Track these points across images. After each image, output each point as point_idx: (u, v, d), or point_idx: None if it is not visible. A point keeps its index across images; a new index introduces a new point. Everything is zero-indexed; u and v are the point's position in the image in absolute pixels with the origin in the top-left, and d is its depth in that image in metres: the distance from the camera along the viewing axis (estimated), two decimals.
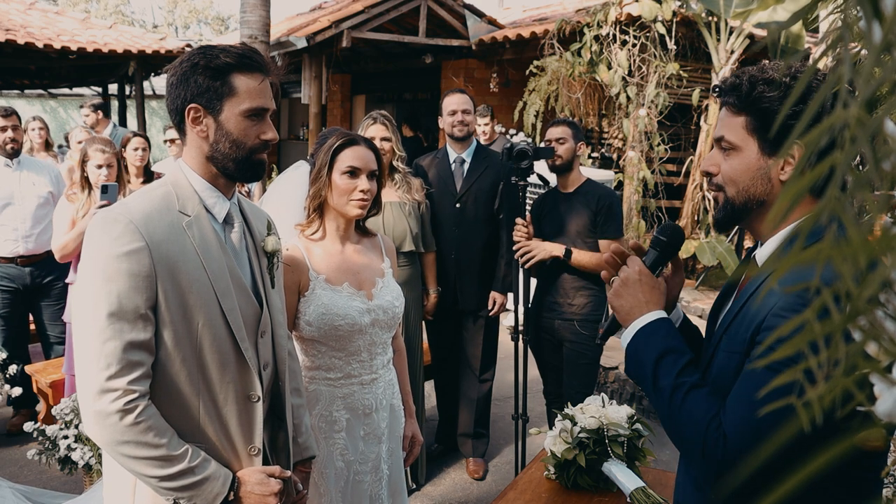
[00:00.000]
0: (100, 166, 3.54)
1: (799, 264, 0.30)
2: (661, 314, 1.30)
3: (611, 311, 1.40)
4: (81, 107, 6.45)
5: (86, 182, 3.55)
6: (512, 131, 8.07)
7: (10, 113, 3.97)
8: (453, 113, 3.61)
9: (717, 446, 1.12)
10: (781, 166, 1.18)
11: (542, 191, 3.91)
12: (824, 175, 0.31)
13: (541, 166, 3.43)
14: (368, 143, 2.08)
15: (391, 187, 3.37)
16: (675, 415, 1.19)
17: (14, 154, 3.99)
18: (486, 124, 5.87)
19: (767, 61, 1.33)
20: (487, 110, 5.93)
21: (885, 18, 0.30)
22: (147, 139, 4.41)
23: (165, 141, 5.79)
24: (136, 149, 4.30)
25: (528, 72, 6.92)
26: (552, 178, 3.50)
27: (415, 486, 3.62)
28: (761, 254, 1.26)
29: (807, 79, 0.39)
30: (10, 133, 3.94)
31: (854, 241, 0.27)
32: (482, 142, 5.89)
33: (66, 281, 3.78)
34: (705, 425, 1.14)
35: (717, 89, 1.25)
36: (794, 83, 1.07)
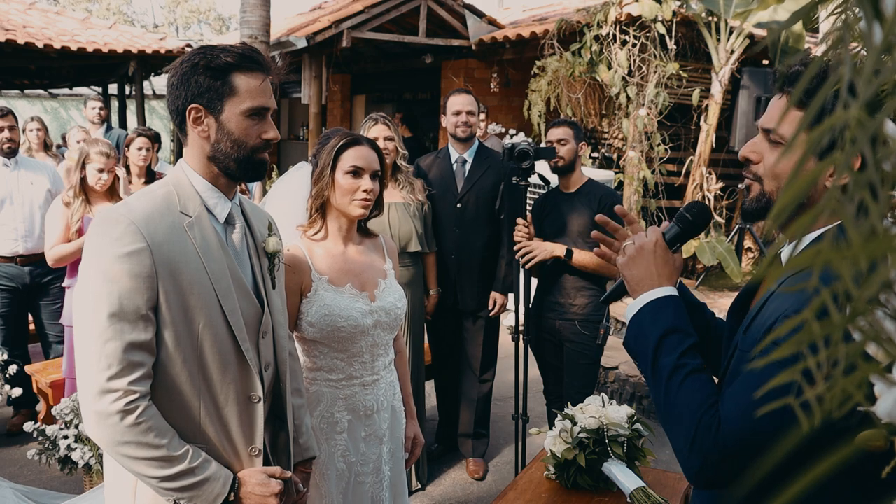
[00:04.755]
0: (101, 170, 3.54)
1: (800, 266, 0.30)
2: (672, 291, 1.26)
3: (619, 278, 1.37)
4: (88, 100, 6.36)
5: (82, 186, 3.54)
6: (512, 131, 8.07)
7: (6, 113, 3.96)
8: (457, 113, 3.61)
9: (708, 432, 1.08)
10: (831, 172, 1.09)
11: (544, 191, 3.90)
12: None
13: (542, 166, 3.43)
14: (371, 143, 2.07)
15: (395, 188, 3.38)
16: (672, 396, 1.15)
17: (11, 154, 3.99)
18: (481, 120, 5.88)
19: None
20: (483, 108, 5.95)
21: (886, 19, 0.30)
22: (152, 137, 4.39)
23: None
24: (139, 148, 4.30)
25: (532, 72, 6.92)
26: (554, 179, 3.50)
27: (419, 487, 3.62)
28: (786, 254, 1.19)
29: (816, 67, 0.38)
30: (6, 133, 3.93)
31: (854, 242, 0.27)
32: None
33: (63, 285, 3.77)
34: (703, 410, 1.10)
35: (778, 76, 1.19)
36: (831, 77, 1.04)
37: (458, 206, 3.61)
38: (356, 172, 2.00)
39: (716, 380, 1.25)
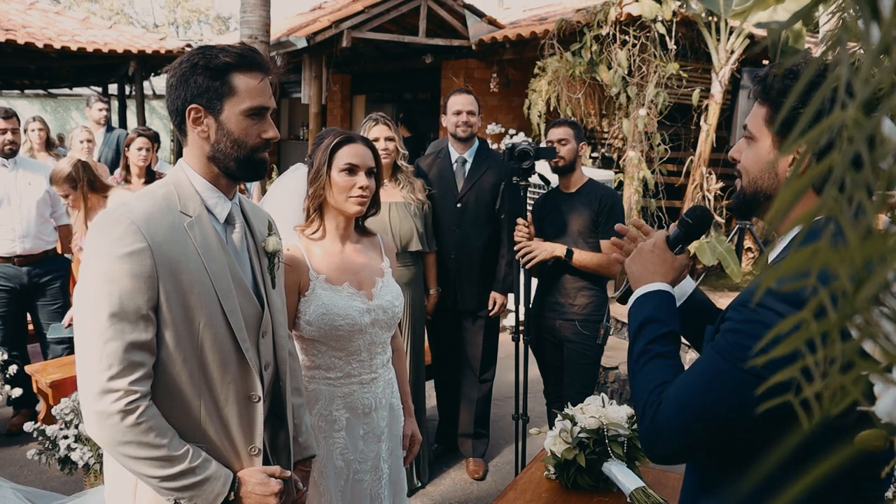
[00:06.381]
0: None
1: (794, 266, 0.30)
2: (663, 286, 1.34)
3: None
4: (98, 100, 6.33)
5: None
6: (512, 131, 8.06)
7: (10, 115, 3.97)
8: (458, 113, 3.61)
9: (649, 410, 1.17)
10: (790, 162, 1.17)
11: (544, 191, 3.90)
12: (826, 174, 0.31)
13: (542, 166, 3.43)
14: (366, 140, 2.09)
15: (395, 188, 3.38)
16: (635, 378, 1.24)
17: (10, 155, 4.00)
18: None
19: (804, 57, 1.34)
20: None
21: (883, 19, 0.30)
22: (151, 137, 4.40)
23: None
24: (139, 149, 4.30)
25: (534, 72, 6.92)
26: (554, 179, 3.50)
27: (419, 485, 3.62)
28: (772, 254, 1.26)
29: (811, 73, 0.38)
30: (9, 136, 3.95)
31: (851, 242, 0.27)
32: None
33: None
34: (650, 390, 1.18)
35: (755, 78, 1.27)
36: (821, 80, 1.07)
37: (458, 205, 3.61)
38: (351, 170, 2.01)
39: None
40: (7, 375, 3.41)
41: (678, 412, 1.12)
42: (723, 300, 5.93)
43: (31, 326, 4.33)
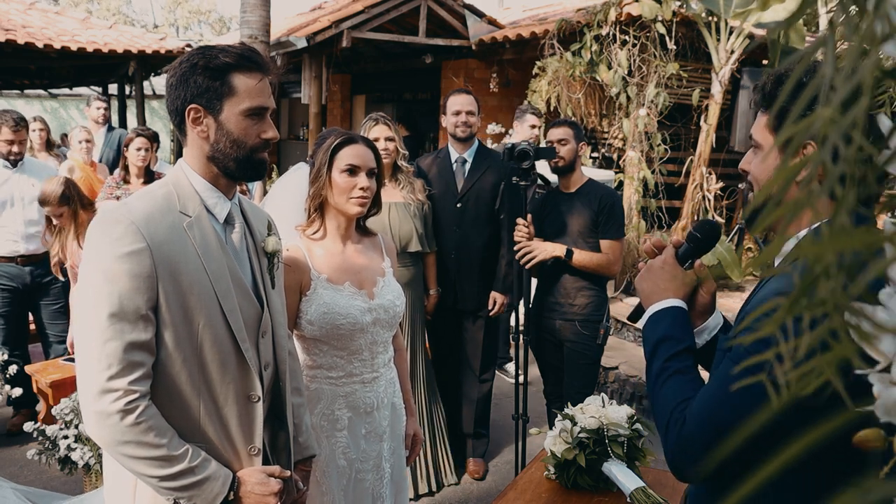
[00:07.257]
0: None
1: (770, 254, 0.30)
2: (675, 302, 1.34)
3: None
4: (97, 98, 6.34)
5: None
6: (512, 131, 8.06)
7: (20, 128, 3.97)
8: (457, 113, 3.61)
9: (673, 428, 1.16)
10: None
11: (544, 191, 3.90)
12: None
13: (542, 166, 3.43)
14: (367, 141, 2.09)
15: (395, 188, 3.38)
16: (655, 396, 1.24)
17: (15, 162, 4.02)
18: (539, 127, 4.96)
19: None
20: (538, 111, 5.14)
21: (868, 15, 0.30)
22: (150, 138, 4.40)
23: None
24: (138, 149, 4.30)
25: (533, 72, 6.92)
26: (554, 179, 3.50)
27: (427, 491, 3.57)
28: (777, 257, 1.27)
29: (799, 73, 0.39)
30: (15, 147, 3.97)
31: (825, 237, 0.27)
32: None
33: None
34: (672, 408, 1.18)
35: (754, 88, 1.27)
36: (811, 80, 1.08)
37: (458, 205, 3.61)
38: (352, 171, 2.01)
39: None
40: (7, 375, 3.42)
41: (699, 426, 1.11)
42: (723, 300, 5.93)
43: (33, 327, 4.33)
